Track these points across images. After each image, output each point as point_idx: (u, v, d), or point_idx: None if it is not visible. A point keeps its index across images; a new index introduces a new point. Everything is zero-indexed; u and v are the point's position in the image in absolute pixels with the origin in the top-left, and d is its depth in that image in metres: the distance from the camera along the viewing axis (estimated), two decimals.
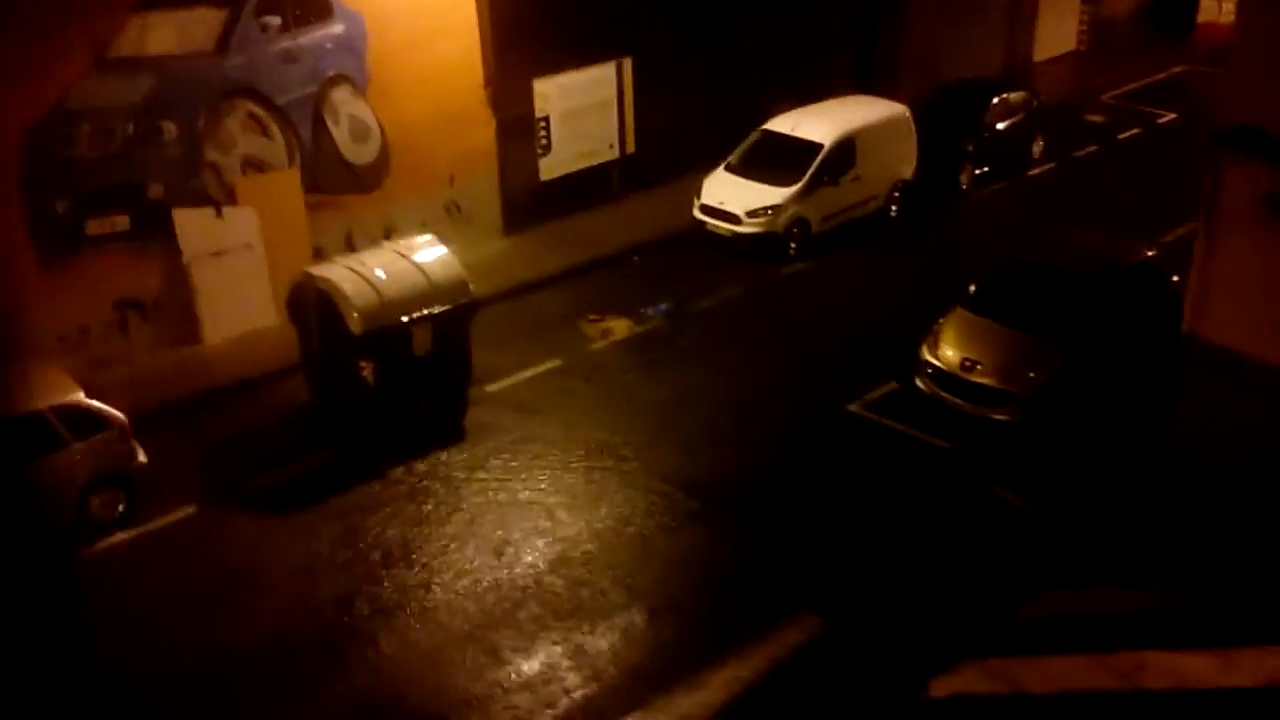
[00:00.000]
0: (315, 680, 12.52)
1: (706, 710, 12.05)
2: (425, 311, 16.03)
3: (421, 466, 15.94)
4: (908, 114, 23.36)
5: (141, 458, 14.98)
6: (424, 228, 18.97)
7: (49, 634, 13.22)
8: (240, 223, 18.74)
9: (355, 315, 15.63)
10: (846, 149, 22.10)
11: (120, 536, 14.72)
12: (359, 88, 19.74)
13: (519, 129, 21.90)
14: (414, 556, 14.29)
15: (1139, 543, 14.13)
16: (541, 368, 18.16)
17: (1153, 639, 12.72)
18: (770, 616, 13.19)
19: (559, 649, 12.85)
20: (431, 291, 16.15)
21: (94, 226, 17.51)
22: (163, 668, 12.68)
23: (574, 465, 15.88)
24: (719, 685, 12.33)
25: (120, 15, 17.05)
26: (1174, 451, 15.34)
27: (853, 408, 16.98)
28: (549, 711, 12.10)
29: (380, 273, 16.10)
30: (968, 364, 16.38)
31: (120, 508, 14.84)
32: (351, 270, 16.12)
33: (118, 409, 14.84)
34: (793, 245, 21.57)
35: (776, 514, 14.92)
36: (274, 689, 12.42)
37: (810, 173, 21.63)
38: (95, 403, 14.62)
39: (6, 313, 16.68)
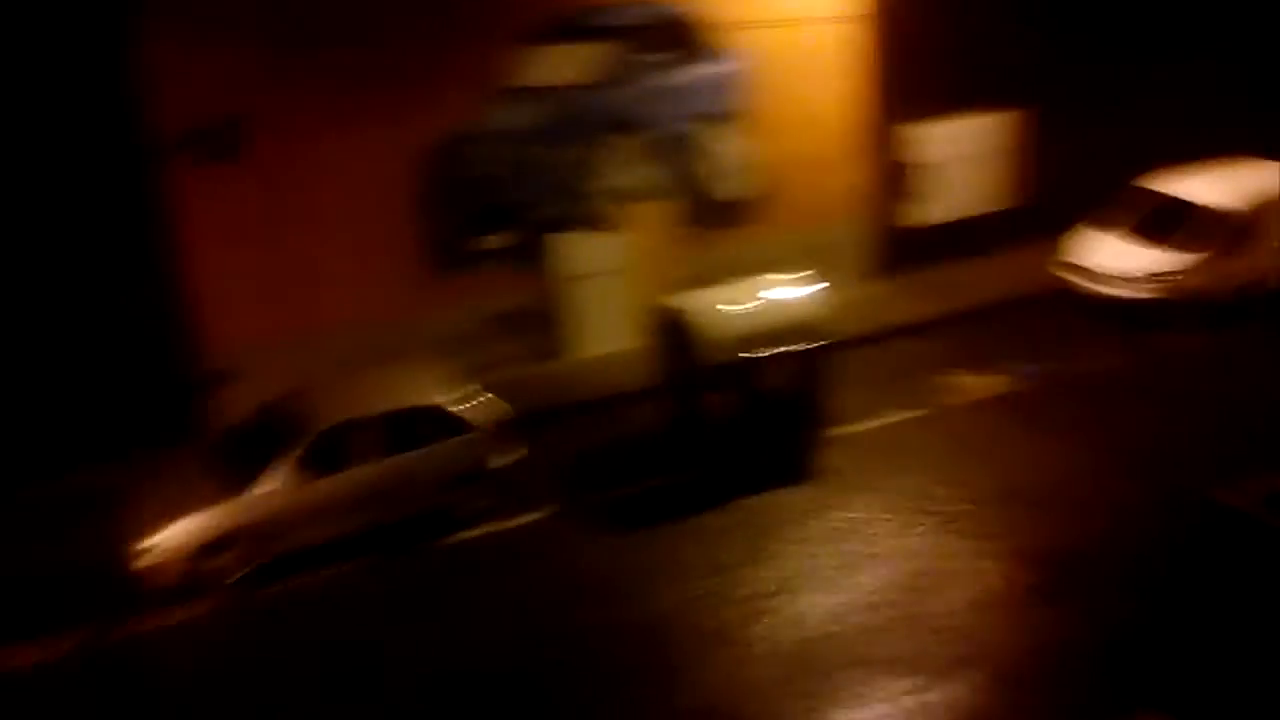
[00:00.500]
0: (639, 693, 12.68)
1: None
2: (781, 348, 16.04)
3: (762, 502, 15.91)
4: None
5: (507, 461, 15.73)
6: (789, 265, 19.02)
7: (406, 618, 14.04)
8: (612, 248, 19.47)
9: (710, 346, 15.83)
10: (1251, 218, 20.53)
11: (480, 531, 15.49)
12: (736, 125, 20.08)
13: (894, 174, 21.67)
14: (743, 590, 14.25)
15: None
16: (895, 417, 17.78)
17: None
18: (1115, 707, 12.28)
19: (885, 707, 12.45)
20: (790, 329, 16.13)
21: (481, 243, 18.66)
22: (498, 658, 13.22)
23: (918, 521, 15.41)
24: None
25: (521, 48, 18.12)
26: None
27: (1232, 498, 15.59)
28: None
29: (740, 306, 16.26)
30: None
31: (483, 504, 15.62)
32: (712, 302, 16.36)
33: (492, 411, 15.67)
34: (1182, 316, 20.20)
35: (1131, 599, 13.87)
36: (598, 694, 12.68)
37: (1212, 242, 20.21)
38: (470, 404, 15.46)
39: (402, 317, 18.09)
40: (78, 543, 15.14)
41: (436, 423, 15.24)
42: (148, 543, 14.05)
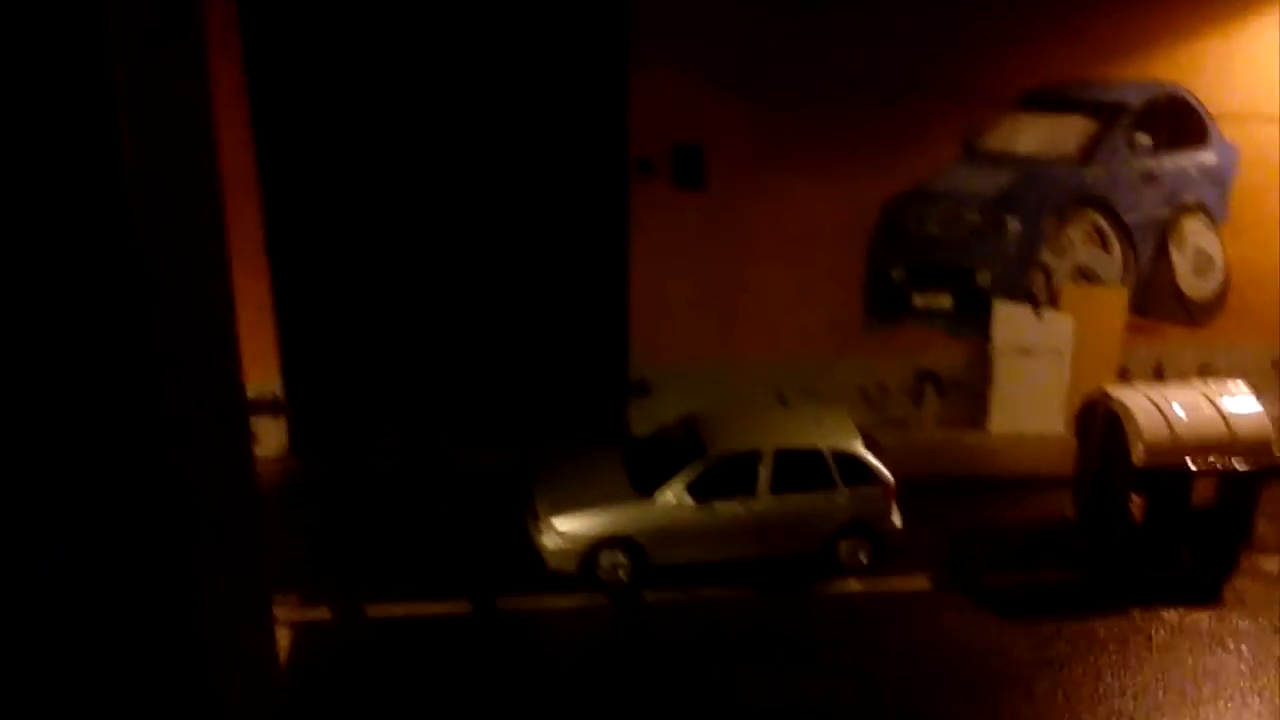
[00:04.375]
0: None
1: None
2: (1216, 462, 15.13)
3: (1159, 617, 15.04)
4: None
5: (897, 521, 15.73)
6: (1245, 377, 17.77)
7: (772, 654, 14.40)
8: (1055, 327, 18.93)
9: (1141, 446, 15.21)
10: None
11: (856, 586, 15.60)
12: (1214, 220, 18.98)
13: None
14: (1125, 710, 13.57)
15: None
16: None
17: None
18: None
19: None
20: (1230, 443, 15.25)
21: (920, 300, 18.71)
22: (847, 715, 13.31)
23: None
24: None
25: (997, 112, 17.98)
26: None
27: None
28: None
29: (1181, 411, 15.50)
30: None
31: (864, 559, 15.73)
32: (1152, 400, 15.68)
33: (890, 470, 15.72)
34: None
35: None
36: None
37: None
38: (871, 457, 15.60)
39: (826, 360, 18.48)
40: (496, 512, 16.59)
41: (843, 468, 15.47)
42: (553, 524, 15.21)
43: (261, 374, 16.84)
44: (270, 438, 17.58)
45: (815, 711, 13.42)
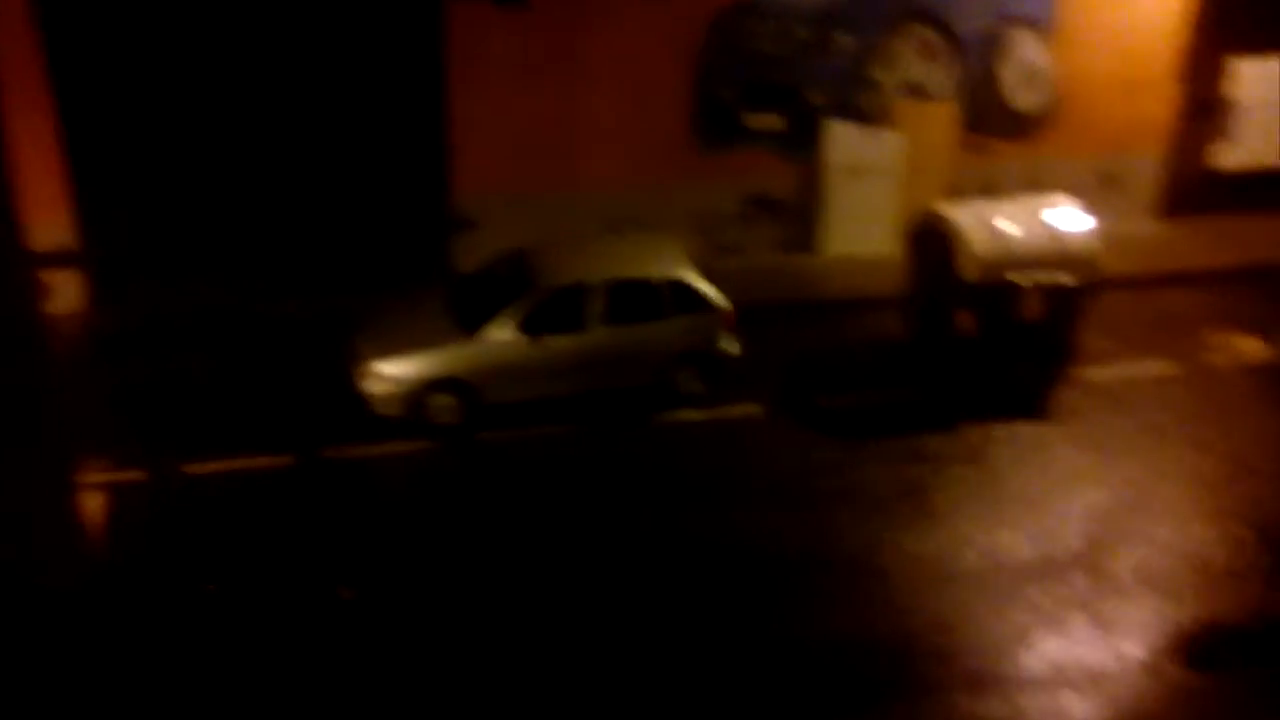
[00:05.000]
0: (821, 601, 12.60)
1: None
2: (1045, 277, 15.25)
3: (994, 432, 15.29)
4: None
5: (733, 348, 15.54)
6: (1072, 190, 17.88)
7: (612, 486, 14.21)
8: (886, 145, 18.68)
9: (971, 263, 15.21)
10: None
11: (694, 415, 15.42)
12: (1042, 31, 18.79)
13: (1202, 108, 19.93)
14: (951, 514, 13.86)
15: None
16: (1147, 368, 16.67)
17: None
18: None
19: (1063, 655, 12.01)
20: (1058, 258, 15.35)
21: (751, 121, 18.19)
22: (688, 538, 13.27)
23: (1149, 477, 14.57)
24: None
25: None
26: None
27: None
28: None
29: (1011, 227, 15.52)
30: None
31: (700, 388, 15.53)
32: (981, 217, 15.64)
33: (727, 295, 15.45)
34: None
35: None
36: (787, 604, 12.61)
37: None
38: (704, 285, 15.28)
39: (656, 187, 17.91)
40: (314, 362, 15.88)
41: (670, 297, 15.14)
42: (378, 369, 14.58)
43: (50, 221, 15.58)
44: (65, 291, 16.34)
45: (655, 541, 13.34)
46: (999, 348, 15.62)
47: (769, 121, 18.25)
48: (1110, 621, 12.50)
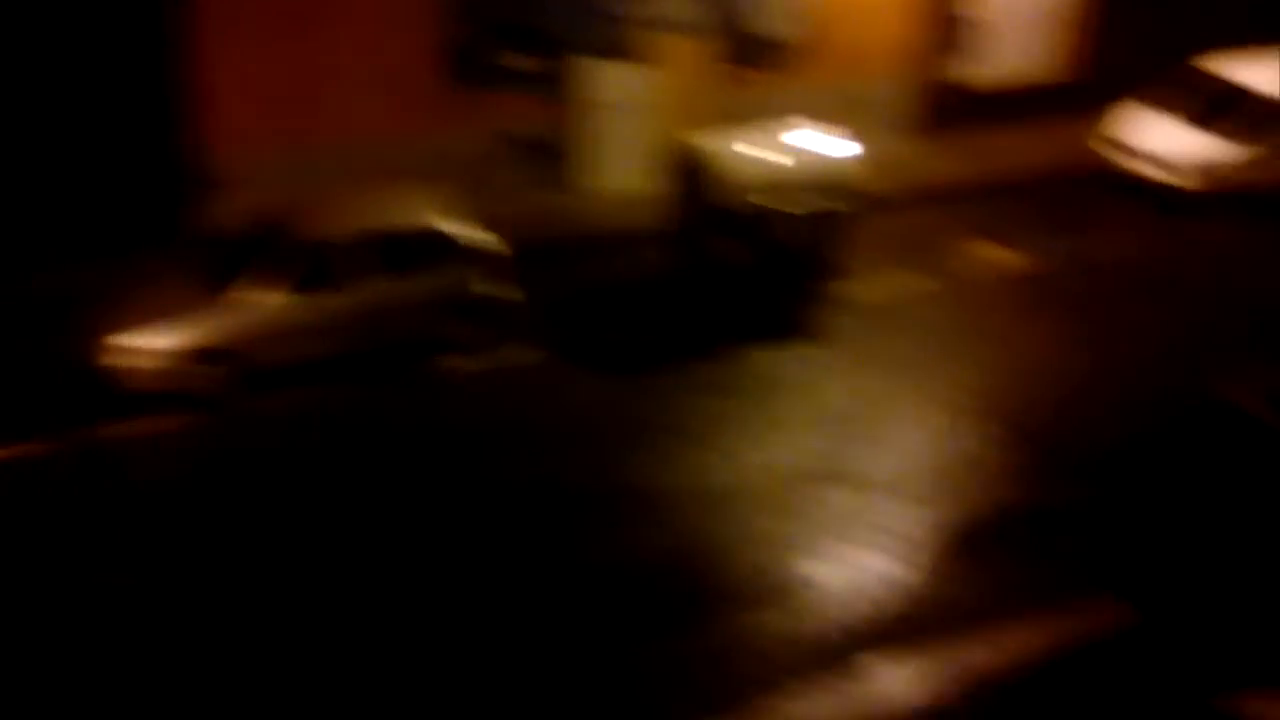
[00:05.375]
0: (600, 535, 12.61)
1: (987, 670, 11.26)
2: (804, 201, 15.49)
3: (762, 358, 15.53)
4: None
5: (507, 294, 15.33)
6: (825, 115, 18.23)
7: (387, 444, 13.86)
8: (640, 80, 18.65)
9: (728, 190, 15.32)
10: None
11: (469, 364, 15.19)
12: None
13: (946, 28, 20.59)
14: (727, 438, 14.04)
15: None
16: (909, 284, 17.23)
17: None
18: (1079, 590, 12.18)
19: (832, 563, 12.37)
20: (816, 182, 15.58)
21: (502, 61, 17.87)
22: (466, 495, 13.08)
23: (913, 391, 15.05)
24: (1005, 647, 11.50)
25: None
26: None
27: (1227, 391, 15.11)
28: (810, 623, 11.62)
29: (766, 154, 15.69)
30: None
31: (475, 336, 15.29)
32: (736, 145, 15.79)
33: (492, 240, 15.19)
34: (1215, 205, 19.35)
35: (1112, 485, 13.63)
36: (563, 537, 12.60)
37: (1265, 131, 19.18)
38: (470, 232, 14.99)
39: (410, 134, 17.42)
40: (60, 339, 14.89)
41: (434, 247, 14.78)
42: (128, 342, 13.82)
43: None
44: None
45: (441, 494, 13.10)
46: (764, 274, 15.83)
47: (524, 61, 17.99)
48: (881, 527, 12.90)
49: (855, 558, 12.51)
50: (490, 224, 15.61)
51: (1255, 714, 10.96)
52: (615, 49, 18.37)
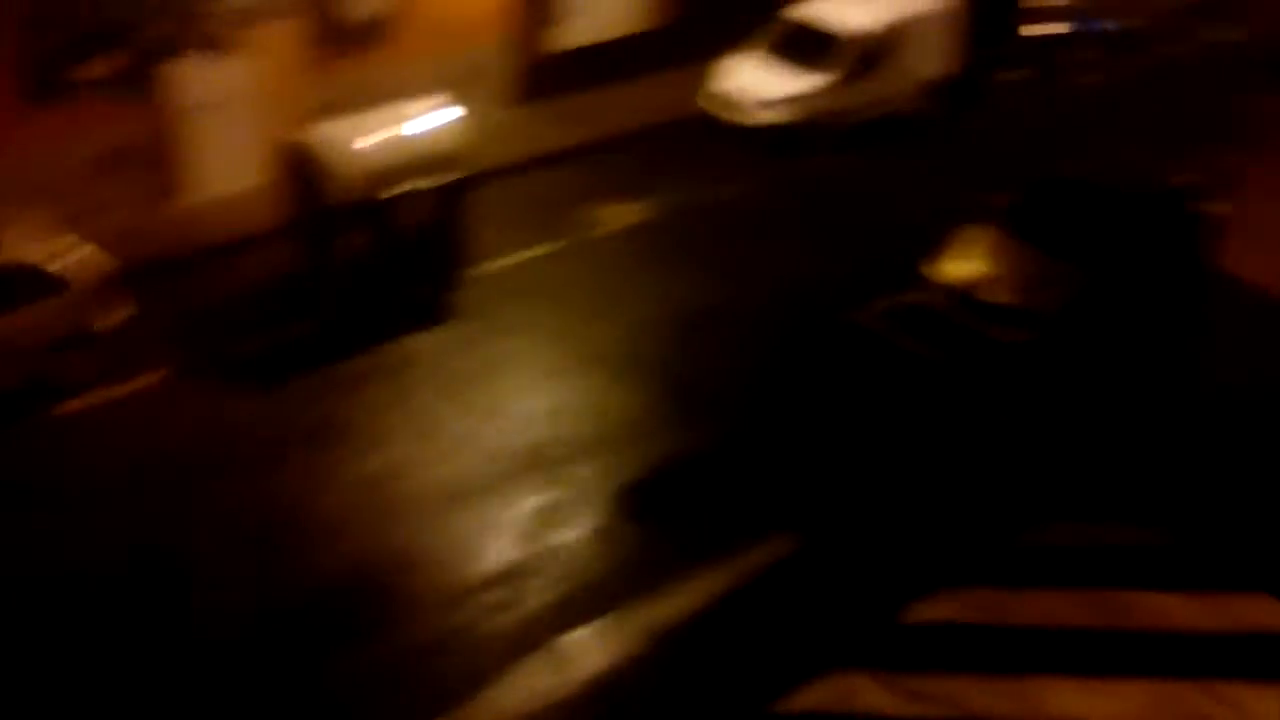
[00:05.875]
0: (272, 557, 12.18)
1: (673, 621, 11.65)
2: (418, 183, 15.40)
3: (399, 347, 15.37)
4: (955, 6, 21.92)
5: (114, 318, 14.45)
6: (426, 92, 18.08)
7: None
8: (233, 76, 17.90)
9: (341, 184, 15.03)
10: (885, 41, 20.93)
11: (87, 401, 14.19)
12: None
13: None
14: (379, 434, 13.86)
15: (1147, 478, 13.50)
16: (535, 252, 17.47)
17: (1144, 579, 12.21)
18: (748, 528, 12.73)
19: (525, 543, 12.46)
20: (426, 162, 15.51)
21: (83, 70, 16.71)
22: (105, 546, 12.27)
23: (559, 356, 15.31)
24: (688, 596, 11.92)
25: None
26: (1190, 387, 14.63)
27: (857, 317, 16.24)
28: (507, 614, 11.70)
29: (373, 139, 15.46)
30: (983, 280, 15.62)
31: (89, 370, 14.32)
32: (342, 135, 15.43)
33: (94, 265, 14.27)
34: (817, 141, 20.59)
35: (763, 423, 14.37)
36: (224, 572, 12.04)
37: (843, 64, 20.55)
38: (64, 260, 14.02)
39: None
40: None
41: (28, 282, 13.71)
42: None
43: None
44: None
45: (64, 546, 12.23)
46: (386, 262, 15.62)
47: (109, 68, 16.87)
48: (551, 501, 13.03)
49: (534, 536, 12.60)
50: (94, 244, 14.64)
51: (925, 615, 11.80)
52: (202, 46, 17.54)
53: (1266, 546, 12.57)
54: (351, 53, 19.09)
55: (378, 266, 15.65)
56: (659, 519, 12.91)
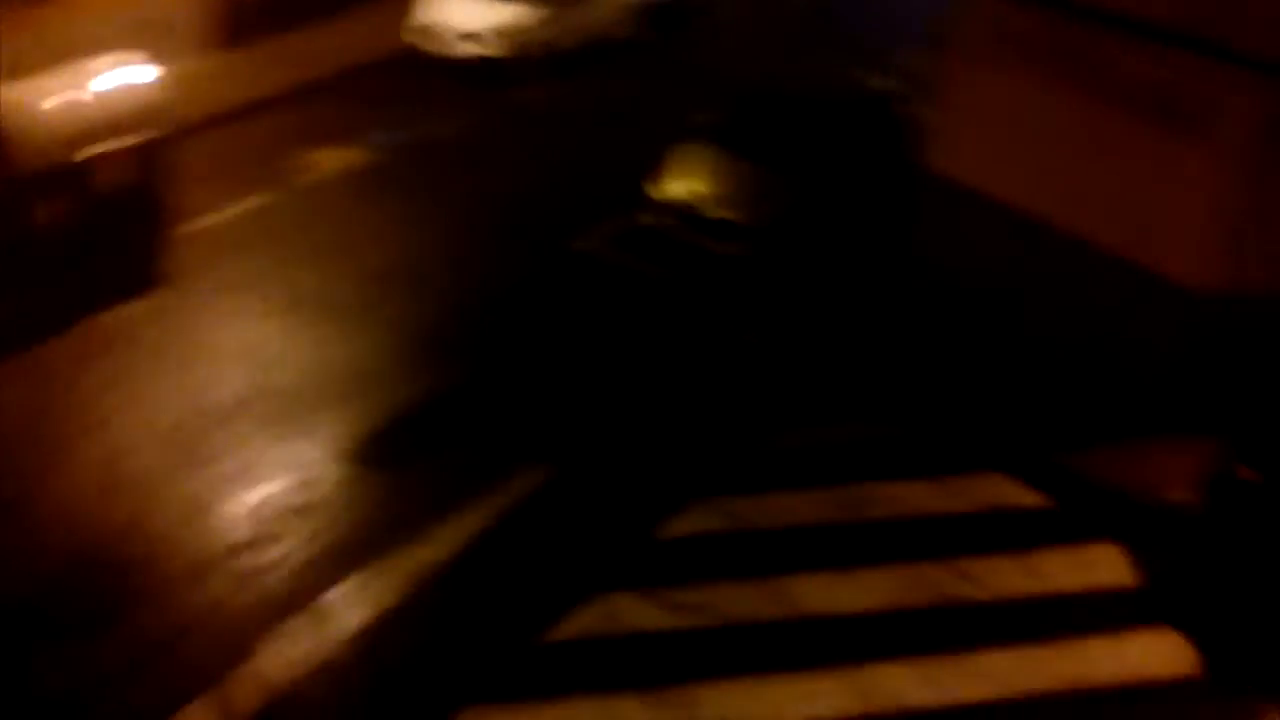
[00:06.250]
0: None
1: (433, 567, 11.52)
2: (114, 143, 14.66)
3: (111, 317, 14.54)
4: None
5: None
6: (115, 46, 17.01)
7: None
8: None
9: (30, 149, 14.16)
10: None
11: None
12: None
13: None
14: (106, 412, 13.12)
15: (874, 376, 14.12)
16: (249, 204, 16.76)
17: (879, 471, 12.81)
18: (497, 466, 12.67)
19: (270, 505, 12.07)
20: (121, 119, 14.78)
21: None
22: None
23: (277, 311, 14.79)
24: (446, 538, 11.82)
25: None
26: (907, 285, 15.34)
27: (582, 245, 16.33)
28: (260, 581, 11.30)
29: (59, 100, 14.65)
30: (697, 197, 15.92)
31: None
32: (26, 98, 14.49)
33: None
34: (527, 71, 20.45)
35: (502, 359, 14.34)
36: None
37: None
38: None
39: None
40: None
41: None
42: None
43: None
44: None
45: None
46: (92, 228, 14.75)
47: None
48: (300, 457, 12.68)
49: (279, 496, 12.18)
50: None
51: (678, 530, 12.06)
52: None
53: (993, 428, 13.36)
54: (23, 11, 17.73)
55: (80, 234, 14.76)
56: (407, 465, 12.74)
